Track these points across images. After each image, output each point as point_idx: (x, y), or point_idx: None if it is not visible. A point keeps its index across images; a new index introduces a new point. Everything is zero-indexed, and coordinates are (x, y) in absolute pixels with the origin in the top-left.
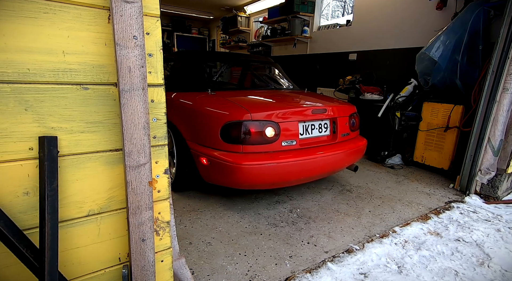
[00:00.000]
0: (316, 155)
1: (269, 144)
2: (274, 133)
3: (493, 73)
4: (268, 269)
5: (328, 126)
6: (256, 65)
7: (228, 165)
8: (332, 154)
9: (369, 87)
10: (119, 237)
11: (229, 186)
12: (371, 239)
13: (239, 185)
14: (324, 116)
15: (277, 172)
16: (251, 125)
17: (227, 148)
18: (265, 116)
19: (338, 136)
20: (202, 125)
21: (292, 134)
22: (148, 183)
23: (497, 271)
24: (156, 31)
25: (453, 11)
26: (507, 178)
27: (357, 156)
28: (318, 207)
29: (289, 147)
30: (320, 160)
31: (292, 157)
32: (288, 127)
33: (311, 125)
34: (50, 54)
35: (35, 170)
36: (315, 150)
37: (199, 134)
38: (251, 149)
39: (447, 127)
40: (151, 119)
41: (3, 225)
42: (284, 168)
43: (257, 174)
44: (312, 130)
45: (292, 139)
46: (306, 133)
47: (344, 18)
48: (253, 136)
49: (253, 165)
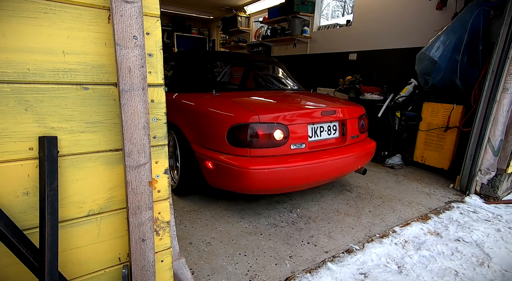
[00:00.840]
0: (326, 158)
1: (277, 147)
2: (283, 136)
3: (493, 73)
4: (268, 269)
5: (337, 128)
6: (260, 65)
7: (235, 169)
8: (342, 157)
9: (369, 87)
10: (119, 237)
11: (236, 191)
12: (371, 239)
13: (246, 190)
14: (334, 118)
15: (286, 177)
16: (259, 128)
17: (234, 152)
18: (273, 118)
19: (348, 139)
20: (207, 127)
21: (301, 137)
22: (148, 183)
23: (497, 271)
24: (156, 31)
25: (453, 11)
26: (507, 178)
27: (367, 158)
28: (318, 207)
29: (298, 150)
30: (330, 163)
31: (302, 160)
32: (297, 130)
33: (320, 127)
34: (50, 54)
35: (35, 170)
36: (324, 153)
37: (204, 137)
38: (259, 152)
39: (447, 127)
40: (151, 119)
41: (3, 225)
42: (294, 172)
43: (266, 179)
44: (321, 132)
45: (301, 142)
46: (315, 136)
47: (344, 18)
48: (261, 140)
49: (261, 169)
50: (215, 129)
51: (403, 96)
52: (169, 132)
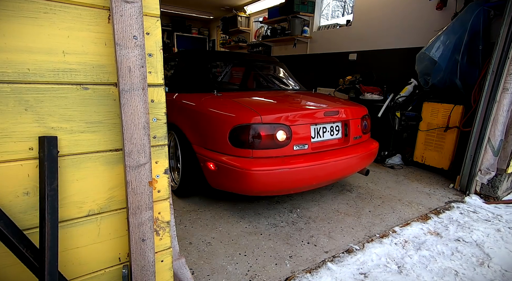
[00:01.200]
0: (329, 159)
1: (280, 148)
2: (285, 137)
3: (493, 73)
4: (268, 269)
5: (339, 129)
6: (262, 65)
7: (237, 171)
8: (345, 158)
9: (369, 87)
10: (119, 237)
11: (238, 193)
12: (371, 239)
13: (249, 191)
14: (336, 118)
15: (289, 178)
16: (262, 129)
17: (236, 153)
18: (276, 119)
19: (351, 140)
20: (209, 128)
21: (304, 137)
22: (148, 183)
23: (497, 271)
24: (156, 31)
25: (453, 11)
26: (507, 178)
27: (370, 159)
28: (318, 207)
29: (301, 151)
30: (333, 164)
31: (305, 161)
32: (300, 131)
33: (322, 128)
34: (50, 54)
35: (35, 170)
36: (327, 154)
37: (206, 138)
38: (262, 153)
39: (447, 127)
40: (151, 119)
41: (3, 225)
42: (297, 173)
43: (268, 180)
44: (324, 133)
45: (304, 143)
46: (318, 136)
47: (344, 18)
48: (263, 140)
49: (264, 170)
50: (217, 130)
51: (403, 96)
52: (170, 133)
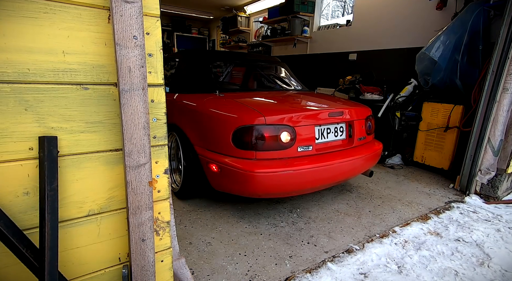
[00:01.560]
0: (333, 160)
1: (284, 150)
2: (289, 138)
3: (493, 73)
4: (268, 269)
5: (344, 130)
6: (264, 65)
7: (241, 173)
8: (349, 160)
9: (369, 87)
10: (119, 237)
11: (242, 195)
12: (371, 239)
13: (252, 193)
14: (341, 119)
15: (293, 180)
16: (265, 130)
17: (239, 154)
18: (280, 120)
19: (355, 141)
20: (211, 129)
21: (308, 139)
22: (148, 183)
23: (497, 271)
24: (156, 31)
25: (453, 11)
26: (507, 178)
27: (374, 160)
28: (318, 207)
29: (305, 152)
30: (337, 166)
31: (309, 163)
32: (304, 132)
33: (327, 129)
34: (50, 54)
35: (35, 170)
36: (332, 155)
37: (209, 139)
38: (265, 155)
39: (447, 127)
40: (151, 119)
41: (3, 225)
42: (301, 175)
43: (272, 182)
44: (328, 134)
45: (308, 145)
46: (322, 137)
47: (344, 18)
48: (267, 142)
49: (268, 172)
50: (219, 131)
51: (403, 96)
52: (171, 134)
